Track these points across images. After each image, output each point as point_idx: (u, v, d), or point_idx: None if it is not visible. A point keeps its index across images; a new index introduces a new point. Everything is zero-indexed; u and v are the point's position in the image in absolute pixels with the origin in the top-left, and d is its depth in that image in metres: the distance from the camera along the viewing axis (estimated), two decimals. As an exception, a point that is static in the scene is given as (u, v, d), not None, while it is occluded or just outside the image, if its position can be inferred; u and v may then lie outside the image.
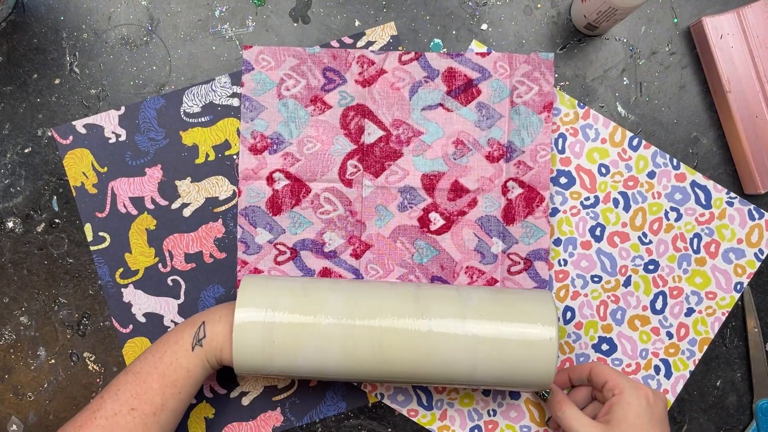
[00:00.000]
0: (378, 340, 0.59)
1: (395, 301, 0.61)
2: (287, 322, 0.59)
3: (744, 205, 0.71)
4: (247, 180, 0.69)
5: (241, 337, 0.59)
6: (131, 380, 0.60)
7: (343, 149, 0.69)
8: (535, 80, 0.70)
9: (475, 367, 0.60)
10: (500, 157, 0.69)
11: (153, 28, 0.70)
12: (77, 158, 0.69)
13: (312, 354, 0.59)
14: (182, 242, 0.69)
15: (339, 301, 0.61)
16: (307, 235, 0.69)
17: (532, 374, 0.60)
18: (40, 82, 0.69)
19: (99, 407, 0.59)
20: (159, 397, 0.60)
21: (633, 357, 0.70)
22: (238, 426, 0.69)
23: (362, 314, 0.60)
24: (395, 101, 0.70)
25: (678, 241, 0.71)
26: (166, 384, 0.60)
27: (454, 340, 0.59)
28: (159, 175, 0.70)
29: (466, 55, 0.70)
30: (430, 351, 0.59)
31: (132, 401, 0.59)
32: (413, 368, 0.60)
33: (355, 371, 0.60)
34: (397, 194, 0.70)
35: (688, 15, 0.72)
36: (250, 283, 0.62)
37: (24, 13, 0.70)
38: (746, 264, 0.71)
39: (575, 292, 0.70)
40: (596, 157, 0.71)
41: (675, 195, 0.71)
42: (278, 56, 0.70)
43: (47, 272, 0.69)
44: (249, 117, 0.69)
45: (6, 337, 0.69)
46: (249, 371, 0.61)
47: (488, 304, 0.61)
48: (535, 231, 0.69)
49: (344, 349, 0.59)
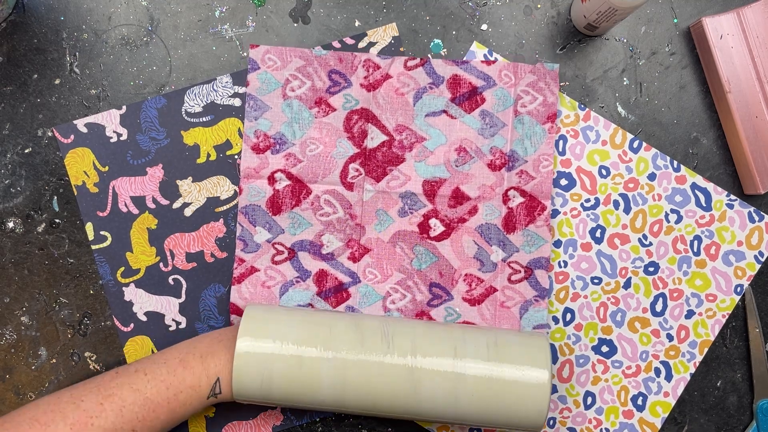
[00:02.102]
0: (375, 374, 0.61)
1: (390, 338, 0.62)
2: (287, 358, 0.61)
3: (744, 207, 0.71)
4: (248, 179, 0.69)
5: (240, 375, 0.61)
6: (140, 404, 0.59)
7: (346, 152, 0.69)
8: (540, 90, 0.70)
9: (464, 404, 0.61)
10: (502, 165, 0.69)
11: (153, 28, 0.70)
12: (78, 157, 0.69)
13: (310, 390, 0.61)
14: (183, 241, 0.70)
15: (339, 330, 0.62)
16: (305, 236, 0.69)
17: (523, 415, 0.61)
18: (40, 82, 0.70)
19: (98, 414, 0.57)
20: (160, 427, 0.60)
21: (633, 359, 0.70)
22: (239, 425, 0.69)
23: (358, 350, 0.61)
24: (399, 106, 0.70)
25: (678, 243, 0.71)
26: (173, 419, 0.61)
27: (444, 377, 0.60)
28: (160, 175, 0.70)
29: (471, 63, 0.70)
30: (420, 388, 0.60)
31: (136, 424, 0.58)
32: (400, 404, 0.61)
33: (349, 405, 0.62)
34: (397, 199, 0.70)
35: (688, 15, 0.72)
36: (250, 316, 0.63)
37: (24, 13, 0.70)
38: (746, 266, 0.71)
39: (575, 293, 0.70)
40: (597, 159, 0.71)
41: (675, 197, 0.71)
42: (284, 57, 0.70)
43: (48, 272, 0.69)
44: (253, 116, 0.69)
45: (7, 337, 0.69)
46: (249, 392, 0.62)
47: (484, 348, 0.62)
48: (536, 239, 0.69)
49: (335, 384, 0.61)
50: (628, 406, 0.70)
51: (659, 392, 0.70)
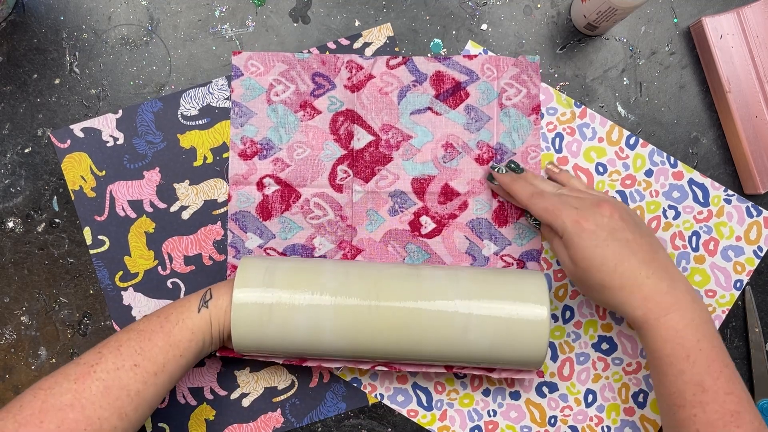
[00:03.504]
0: (374, 287, 0.61)
1: (391, 280, 0.62)
2: (287, 280, 0.61)
3: (742, 202, 0.71)
4: (237, 185, 0.69)
5: (242, 293, 0.60)
6: (135, 337, 0.58)
7: (333, 154, 0.70)
8: (523, 83, 0.70)
9: (467, 340, 0.60)
10: (490, 159, 0.70)
11: (153, 28, 0.70)
12: (75, 162, 0.69)
13: (308, 317, 0.60)
14: (181, 245, 0.69)
15: (333, 278, 0.62)
16: (297, 240, 0.69)
17: (525, 351, 0.61)
18: (40, 82, 0.70)
19: (97, 361, 0.57)
20: (162, 357, 0.58)
21: (633, 356, 0.70)
22: (239, 427, 0.69)
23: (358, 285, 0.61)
24: (384, 106, 0.70)
25: (676, 239, 0.71)
26: (171, 344, 0.59)
27: (447, 316, 0.60)
28: (157, 178, 0.70)
29: (453, 59, 0.70)
30: (422, 325, 0.60)
31: (136, 357, 0.57)
32: (405, 343, 0.61)
33: (348, 342, 0.61)
34: (387, 198, 0.70)
35: (688, 15, 0.72)
36: (250, 259, 0.63)
37: (24, 13, 0.70)
38: (745, 261, 0.71)
39: (574, 291, 0.70)
40: (593, 156, 0.71)
41: (673, 193, 0.71)
42: (267, 62, 0.70)
43: (48, 272, 0.69)
44: (239, 123, 0.69)
45: (7, 337, 0.69)
46: (247, 336, 0.61)
47: (480, 285, 0.62)
48: (527, 232, 0.69)
49: (338, 322, 0.60)
50: (630, 404, 0.70)
51: None
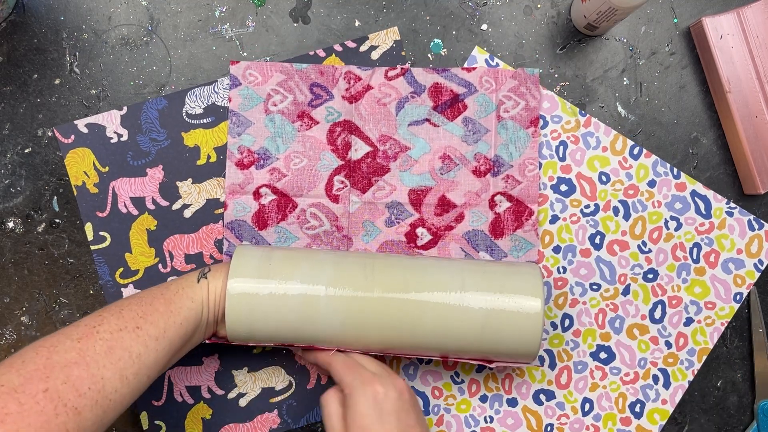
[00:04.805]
0: (369, 264, 0.61)
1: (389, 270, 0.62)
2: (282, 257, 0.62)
3: (744, 215, 0.71)
4: (233, 194, 0.69)
5: (238, 262, 0.61)
6: (135, 302, 0.58)
7: (330, 165, 0.69)
8: (522, 95, 0.70)
9: (461, 331, 0.60)
10: (487, 171, 0.69)
11: (153, 28, 0.70)
12: (79, 157, 0.69)
13: (305, 282, 0.60)
14: (183, 243, 0.70)
15: (328, 267, 0.62)
16: None
17: (519, 342, 0.60)
18: (40, 82, 0.70)
19: (99, 323, 0.56)
20: (163, 322, 0.58)
21: (631, 366, 0.70)
22: (235, 427, 0.69)
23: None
24: (382, 117, 0.70)
25: (677, 250, 0.70)
26: (171, 310, 0.59)
27: (442, 307, 0.60)
28: (160, 176, 0.70)
29: (452, 71, 0.70)
30: (417, 315, 0.60)
31: (138, 320, 0.57)
32: (400, 333, 0.60)
33: (342, 331, 0.61)
34: (384, 209, 0.70)
35: (688, 15, 0.71)
36: (245, 248, 0.64)
37: (24, 13, 0.70)
38: (746, 274, 0.71)
39: (574, 299, 0.70)
40: (597, 165, 0.71)
41: (675, 204, 0.71)
42: (265, 71, 0.70)
43: (48, 272, 0.69)
44: (236, 132, 0.69)
45: (7, 337, 0.69)
46: (241, 325, 0.60)
47: (475, 276, 0.61)
48: (524, 244, 0.69)
49: (332, 311, 0.60)
50: (626, 413, 0.70)
51: (657, 399, 0.70)
